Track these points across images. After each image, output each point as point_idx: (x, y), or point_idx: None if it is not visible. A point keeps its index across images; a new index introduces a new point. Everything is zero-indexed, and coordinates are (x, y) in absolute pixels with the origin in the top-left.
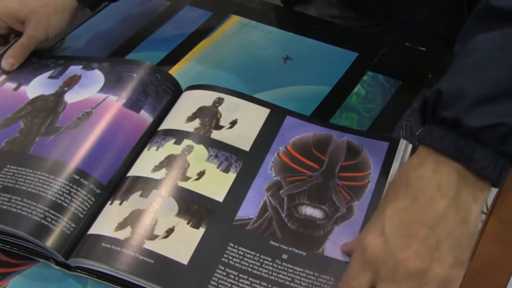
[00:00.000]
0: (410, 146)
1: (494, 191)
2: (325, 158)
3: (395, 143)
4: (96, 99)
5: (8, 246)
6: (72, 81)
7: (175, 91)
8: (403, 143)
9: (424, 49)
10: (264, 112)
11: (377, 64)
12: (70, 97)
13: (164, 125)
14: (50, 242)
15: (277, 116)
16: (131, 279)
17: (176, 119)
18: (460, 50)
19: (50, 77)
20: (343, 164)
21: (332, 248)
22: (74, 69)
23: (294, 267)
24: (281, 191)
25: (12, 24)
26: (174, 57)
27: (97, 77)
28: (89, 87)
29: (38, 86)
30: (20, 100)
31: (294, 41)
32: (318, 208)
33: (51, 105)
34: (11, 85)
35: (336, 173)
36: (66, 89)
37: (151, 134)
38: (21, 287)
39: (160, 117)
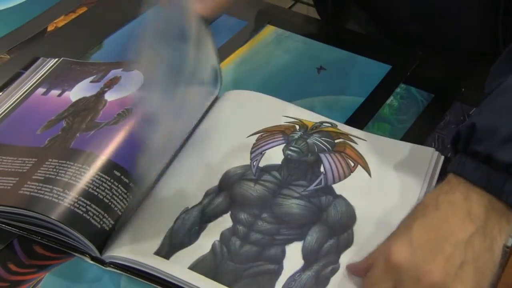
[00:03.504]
0: (442, 157)
1: None
2: None
3: None
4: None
5: (46, 240)
6: (112, 83)
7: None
8: (435, 154)
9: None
10: None
11: (410, 77)
12: (110, 96)
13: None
14: (84, 232)
15: None
16: (163, 276)
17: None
18: (490, 86)
19: (92, 81)
20: None
21: None
22: (115, 72)
23: None
24: None
25: None
26: None
27: (137, 76)
28: (128, 86)
29: (80, 90)
30: (63, 105)
31: (328, 52)
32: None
33: (91, 105)
34: (55, 92)
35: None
36: (106, 89)
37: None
38: (56, 280)
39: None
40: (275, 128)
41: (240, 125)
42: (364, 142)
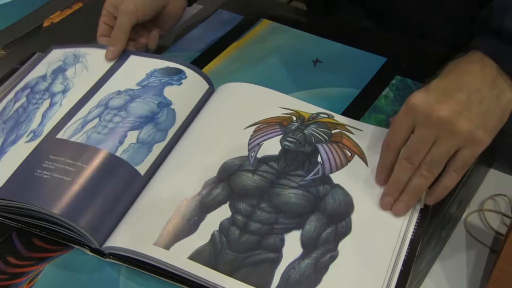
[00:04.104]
0: None
1: None
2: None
3: None
4: None
5: (45, 233)
6: None
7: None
8: None
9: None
10: None
11: (405, 69)
12: None
13: None
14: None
15: None
16: (163, 266)
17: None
18: None
19: None
20: None
21: None
22: None
23: None
24: None
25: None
26: (206, 58)
27: None
28: None
29: None
30: None
31: (324, 45)
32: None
33: None
34: None
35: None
36: None
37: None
38: (56, 272)
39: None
40: (272, 119)
41: (237, 117)
42: (360, 132)
